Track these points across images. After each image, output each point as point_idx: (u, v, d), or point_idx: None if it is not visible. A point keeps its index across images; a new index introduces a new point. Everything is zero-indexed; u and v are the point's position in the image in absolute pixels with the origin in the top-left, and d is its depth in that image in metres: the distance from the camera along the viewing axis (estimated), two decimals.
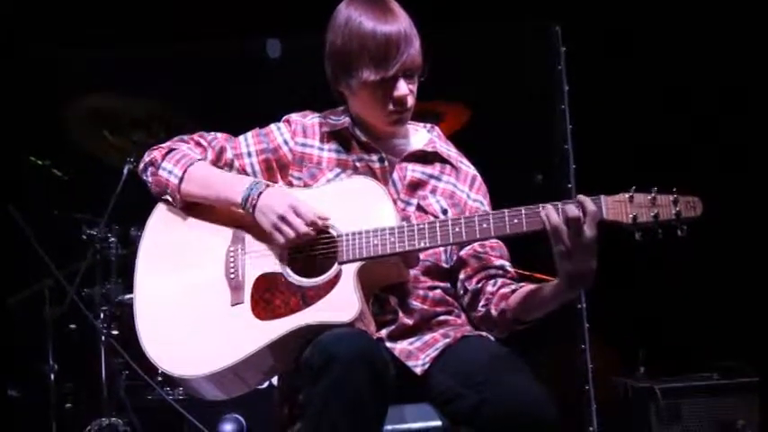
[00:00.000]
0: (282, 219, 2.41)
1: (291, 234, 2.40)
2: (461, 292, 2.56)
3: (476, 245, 2.54)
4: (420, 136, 2.65)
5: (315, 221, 2.41)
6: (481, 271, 2.53)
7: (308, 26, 2.60)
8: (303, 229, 2.40)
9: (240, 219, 2.50)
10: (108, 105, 4.04)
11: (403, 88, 2.48)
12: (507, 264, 2.56)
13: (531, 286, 2.45)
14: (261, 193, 2.45)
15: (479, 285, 2.52)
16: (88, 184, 4.21)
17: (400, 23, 2.46)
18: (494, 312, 2.47)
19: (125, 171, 3.93)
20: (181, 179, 2.53)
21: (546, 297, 2.37)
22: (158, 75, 4.47)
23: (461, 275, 2.56)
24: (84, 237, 4.02)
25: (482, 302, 2.51)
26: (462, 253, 2.56)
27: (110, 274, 4.00)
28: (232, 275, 2.46)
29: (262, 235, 2.46)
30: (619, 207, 2.26)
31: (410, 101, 2.51)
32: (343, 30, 2.48)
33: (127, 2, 4.50)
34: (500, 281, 2.51)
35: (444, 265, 2.55)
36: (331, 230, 2.43)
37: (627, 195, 2.27)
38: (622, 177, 2.35)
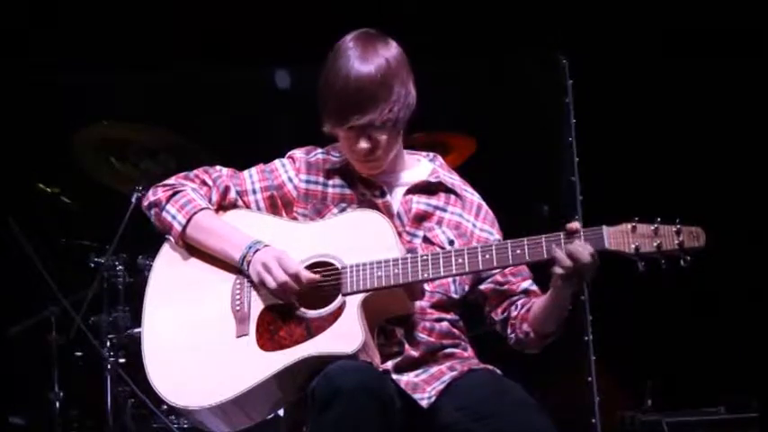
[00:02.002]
0: (266, 267, 2.42)
1: (272, 283, 2.41)
2: (489, 322, 2.59)
3: (497, 275, 2.55)
4: (422, 166, 2.65)
5: (297, 272, 2.40)
6: (504, 301, 2.56)
7: (319, 57, 2.61)
8: (282, 278, 2.39)
9: None
10: (117, 133, 4.07)
11: (361, 144, 2.46)
12: (529, 284, 2.57)
13: (539, 299, 2.49)
14: (257, 251, 2.46)
15: (505, 314, 2.56)
16: (96, 211, 4.23)
17: (367, 75, 2.39)
18: (521, 335, 2.51)
19: (133, 199, 3.94)
20: (184, 227, 2.54)
21: (549, 302, 2.43)
22: (168, 103, 4.51)
23: (486, 308, 2.58)
24: (92, 264, 4.04)
25: (510, 330, 2.54)
26: (483, 287, 2.57)
27: (117, 301, 4.01)
28: (237, 308, 2.47)
29: None
30: (621, 237, 2.29)
31: (374, 153, 2.47)
32: (328, 67, 2.47)
33: (140, 28, 4.54)
34: (520, 303, 2.54)
35: (454, 295, 2.54)
36: (335, 263, 2.45)
37: (629, 226, 2.30)
38: (629, 208, 2.37)
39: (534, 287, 2.58)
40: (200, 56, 4.56)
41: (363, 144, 2.47)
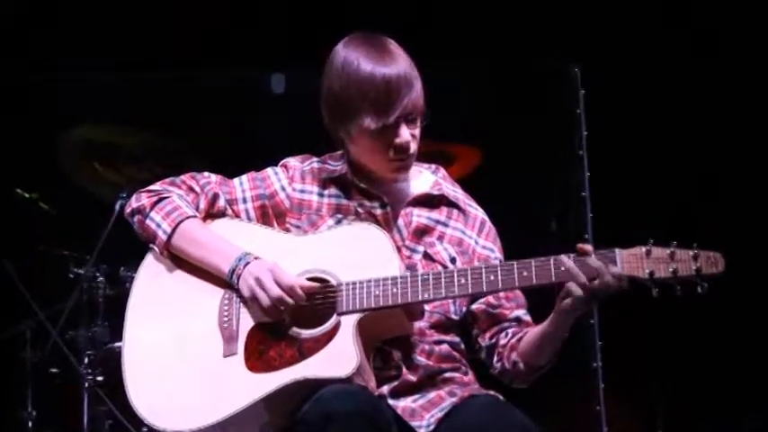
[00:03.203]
0: (258, 282, 2.41)
1: (264, 298, 2.40)
2: (476, 347, 2.58)
3: (490, 297, 2.55)
4: (424, 178, 2.66)
5: (293, 287, 2.40)
6: (494, 326, 2.55)
7: (314, 61, 2.61)
8: (276, 293, 2.39)
9: None
10: (101, 136, 4.07)
11: (405, 135, 2.48)
12: (523, 313, 2.57)
13: (534, 328, 2.48)
14: (248, 263, 2.46)
15: (493, 341, 2.54)
16: (77, 219, 4.22)
17: (399, 65, 2.46)
18: (507, 366, 2.50)
19: (116, 207, 3.93)
20: (170, 236, 2.54)
21: (547, 331, 2.42)
22: (155, 105, 4.50)
23: (474, 331, 2.57)
24: (71, 275, 4.03)
25: (496, 358, 2.53)
26: (474, 307, 2.56)
27: (96, 316, 3.99)
28: (225, 325, 2.46)
29: None
30: (635, 261, 2.28)
31: (413, 147, 2.51)
32: (341, 73, 2.48)
33: (125, 26, 4.53)
34: (511, 331, 2.53)
35: (453, 317, 2.54)
36: (330, 279, 2.44)
37: (644, 249, 2.29)
38: (643, 227, 2.36)
39: (527, 317, 2.57)
40: (191, 57, 4.55)
41: (407, 134, 2.48)
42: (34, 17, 4.47)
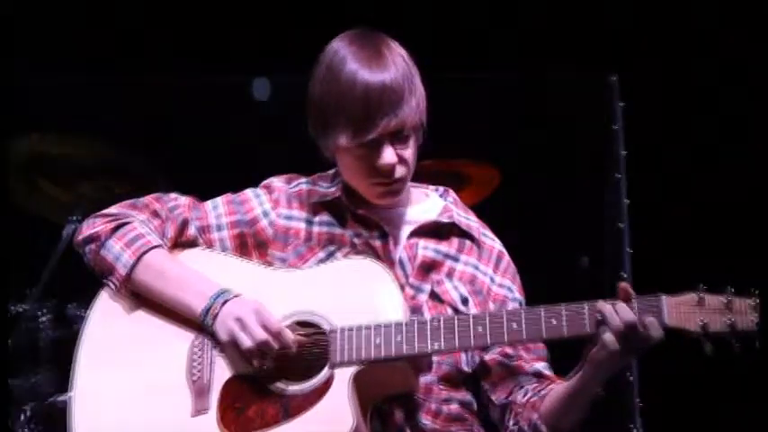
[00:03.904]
0: (240, 323, 2.41)
1: (248, 343, 2.40)
2: (486, 402, 2.57)
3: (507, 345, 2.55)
4: (432, 203, 2.67)
5: (280, 332, 2.40)
6: (509, 380, 2.55)
7: (304, 63, 2.62)
8: (262, 336, 2.39)
9: None
10: (48, 148, 4.07)
11: (388, 156, 2.47)
12: (544, 366, 2.58)
13: (558, 385, 2.48)
14: (227, 301, 2.46)
15: (508, 398, 2.54)
16: (18, 246, 4.21)
17: (388, 73, 2.45)
18: (526, 428, 2.49)
19: (65, 233, 3.93)
20: (131, 269, 2.53)
21: (577, 387, 2.41)
22: (115, 113, 4.50)
23: (485, 385, 2.57)
24: (9, 314, 4.02)
25: (512, 419, 2.53)
26: (487, 357, 2.56)
27: (39, 361, 3.99)
28: (196, 377, 2.46)
29: None
30: (684, 311, 2.29)
31: (399, 171, 2.50)
32: (324, 76, 2.50)
33: (77, 19, 4.52)
34: (530, 388, 2.53)
35: (465, 368, 2.55)
36: (321, 323, 2.44)
37: (695, 296, 2.29)
38: (691, 266, 2.36)
39: (549, 371, 2.57)
40: (158, 56, 4.55)
41: (391, 156, 2.47)
42: None
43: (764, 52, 4.32)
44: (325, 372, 2.39)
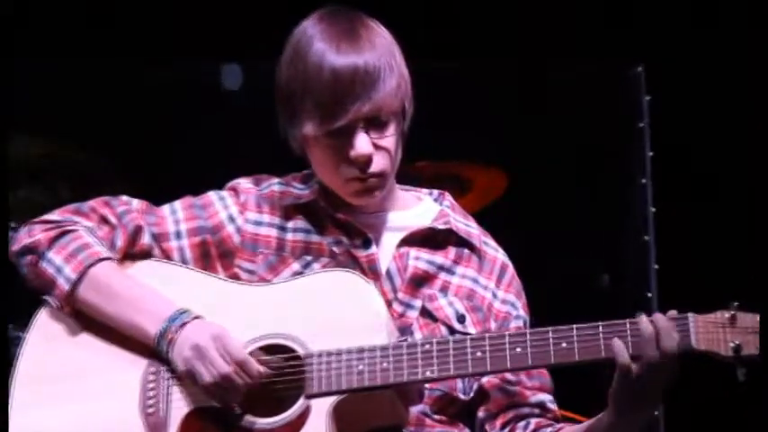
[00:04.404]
0: (198, 352, 2.40)
1: (207, 377, 2.39)
2: None
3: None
4: (425, 207, 2.67)
5: (245, 362, 2.39)
6: (509, 410, 2.55)
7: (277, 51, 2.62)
8: (222, 369, 2.38)
9: None
10: None
11: (361, 144, 2.47)
12: (548, 399, 2.58)
13: (573, 426, 2.50)
14: (184, 324, 2.45)
15: (506, 430, 2.54)
16: None
17: (362, 55, 2.46)
18: None
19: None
20: (74, 284, 2.53)
21: (595, 427, 2.41)
22: (58, 101, 4.49)
23: (481, 413, 2.57)
24: None
25: None
26: (485, 381, 2.56)
27: None
28: (150, 410, 2.46)
29: None
30: (715, 332, 2.29)
31: (378, 162, 2.50)
32: (292, 59, 2.52)
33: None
34: (534, 422, 2.53)
35: (461, 396, 2.56)
36: (296, 347, 2.43)
37: (726, 315, 2.30)
38: (724, 283, 2.35)
39: (553, 406, 2.58)
40: (109, 40, 4.54)
41: (365, 144, 2.47)
42: None
43: None
44: (300, 403, 2.38)
